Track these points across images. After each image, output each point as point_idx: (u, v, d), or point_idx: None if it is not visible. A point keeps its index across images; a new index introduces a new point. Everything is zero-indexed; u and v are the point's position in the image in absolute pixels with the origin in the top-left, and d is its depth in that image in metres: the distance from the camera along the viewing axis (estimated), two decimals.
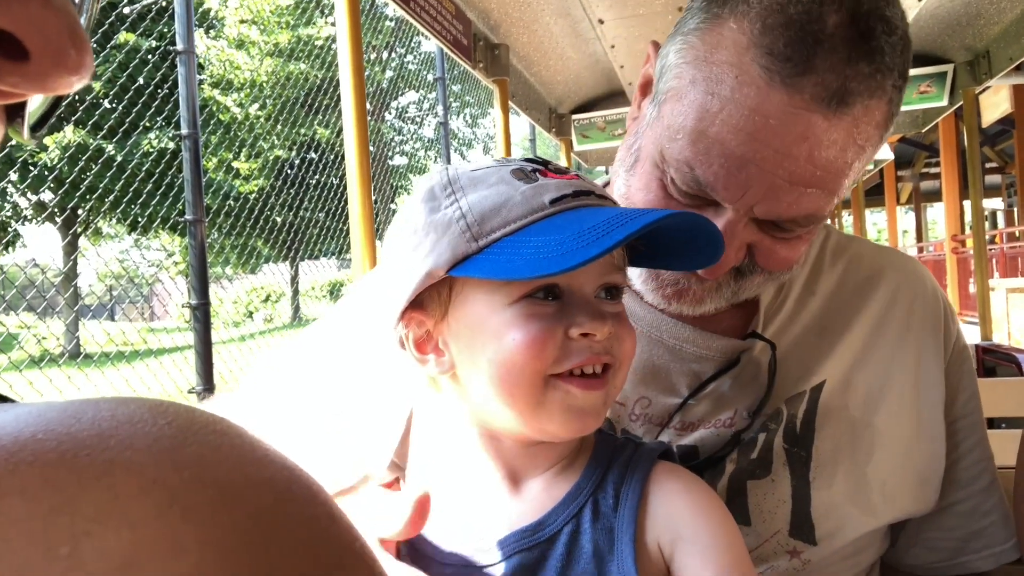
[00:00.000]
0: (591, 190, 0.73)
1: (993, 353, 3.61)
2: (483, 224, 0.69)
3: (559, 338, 0.69)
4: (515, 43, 3.13)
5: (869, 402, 0.94)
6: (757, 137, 0.76)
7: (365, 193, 1.92)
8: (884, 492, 0.92)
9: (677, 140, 0.81)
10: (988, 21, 3.14)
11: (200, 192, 4.75)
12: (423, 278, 0.71)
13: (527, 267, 0.65)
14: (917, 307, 1.01)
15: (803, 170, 0.77)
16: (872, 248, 1.08)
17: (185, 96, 4.65)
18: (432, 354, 0.75)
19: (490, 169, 0.73)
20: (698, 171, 0.80)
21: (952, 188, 8.18)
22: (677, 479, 0.75)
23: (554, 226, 0.67)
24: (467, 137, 24.42)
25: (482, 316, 0.71)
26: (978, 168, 3.86)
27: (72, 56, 0.30)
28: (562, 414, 0.70)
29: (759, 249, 0.85)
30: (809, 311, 0.98)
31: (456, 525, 0.75)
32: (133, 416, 0.28)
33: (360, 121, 1.91)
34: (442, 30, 2.38)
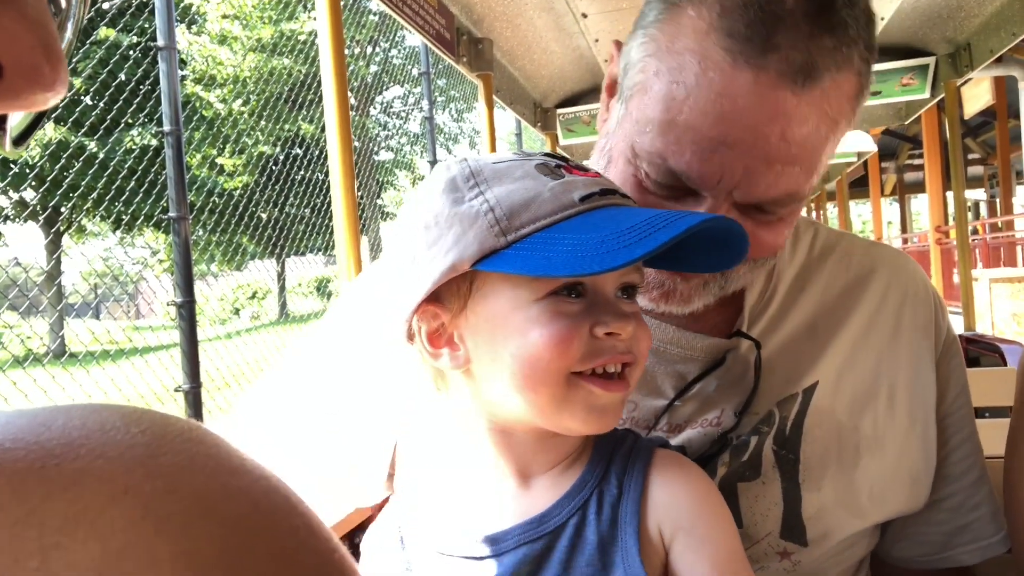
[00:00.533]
0: (616, 189, 0.73)
1: (977, 343, 3.64)
2: (512, 219, 0.68)
3: (584, 336, 0.69)
4: (499, 37, 3.11)
5: (855, 406, 0.93)
6: (727, 119, 0.75)
7: (349, 189, 1.91)
8: (872, 495, 0.92)
9: (647, 133, 0.80)
10: (969, 14, 3.16)
11: (183, 189, 4.71)
12: (446, 271, 0.69)
13: (564, 265, 0.64)
14: (908, 305, 1.00)
15: (777, 149, 0.76)
16: (862, 245, 1.06)
17: (167, 92, 4.61)
18: (446, 348, 0.74)
19: (514, 163, 0.72)
20: (671, 161, 0.79)
21: (935, 179, 8.25)
22: (678, 466, 0.76)
23: (588, 224, 0.67)
24: (453, 132, 24.36)
25: (505, 311, 0.71)
26: (960, 160, 3.89)
27: (46, 73, 0.29)
28: (584, 412, 0.70)
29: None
30: (800, 310, 0.97)
31: (462, 517, 0.76)
32: (105, 424, 0.27)
33: (343, 116, 1.90)
34: (425, 24, 2.37)
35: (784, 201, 0.81)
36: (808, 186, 0.82)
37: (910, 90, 3.79)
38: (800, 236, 1.03)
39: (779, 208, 0.82)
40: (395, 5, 2.12)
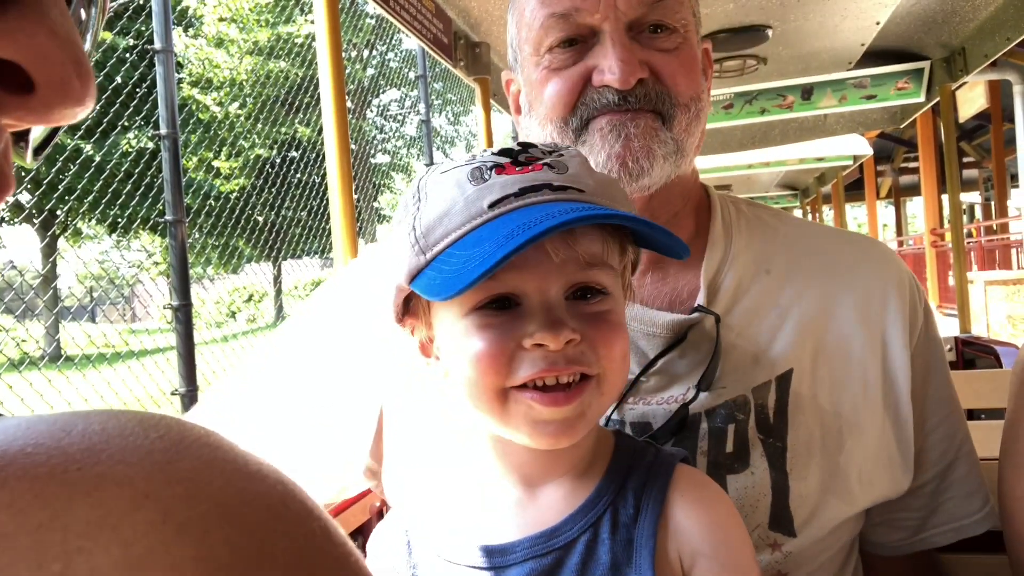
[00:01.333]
0: (546, 183, 0.68)
1: (972, 345, 3.65)
2: (428, 236, 0.69)
3: (510, 350, 0.66)
4: (496, 41, 3.12)
5: (834, 391, 0.95)
6: None
7: (346, 191, 1.91)
8: (861, 479, 0.93)
9: (535, 26, 0.96)
10: (963, 18, 3.18)
11: (180, 192, 4.71)
12: (396, 291, 0.73)
13: (444, 285, 0.64)
14: (881, 290, 1.01)
15: None
16: (830, 232, 1.10)
17: (164, 96, 4.61)
18: (433, 358, 0.76)
19: (455, 170, 0.72)
20: (555, 8, 0.93)
21: (930, 183, 8.28)
22: (699, 487, 0.73)
23: (484, 234, 0.66)
24: (449, 134, 24.37)
25: (447, 326, 0.71)
26: (955, 163, 3.91)
27: (77, 87, 0.30)
28: (527, 427, 0.68)
29: (657, 66, 0.94)
30: (764, 289, 0.99)
31: (469, 527, 0.74)
32: (124, 429, 0.27)
33: (340, 119, 1.90)
34: (422, 28, 2.37)
35: (663, 8, 0.93)
36: (680, 7, 0.95)
37: (905, 94, 3.80)
38: (762, 223, 1.06)
39: (666, 16, 0.94)
40: (393, 10, 2.12)
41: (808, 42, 3.41)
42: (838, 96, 3.92)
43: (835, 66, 3.80)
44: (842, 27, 3.21)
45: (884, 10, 2.99)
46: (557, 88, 0.95)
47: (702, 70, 1.01)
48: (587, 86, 0.94)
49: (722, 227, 1.02)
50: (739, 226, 1.04)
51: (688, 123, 0.96)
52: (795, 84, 3.96)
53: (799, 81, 3.95)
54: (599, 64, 0.93)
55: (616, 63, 0.90)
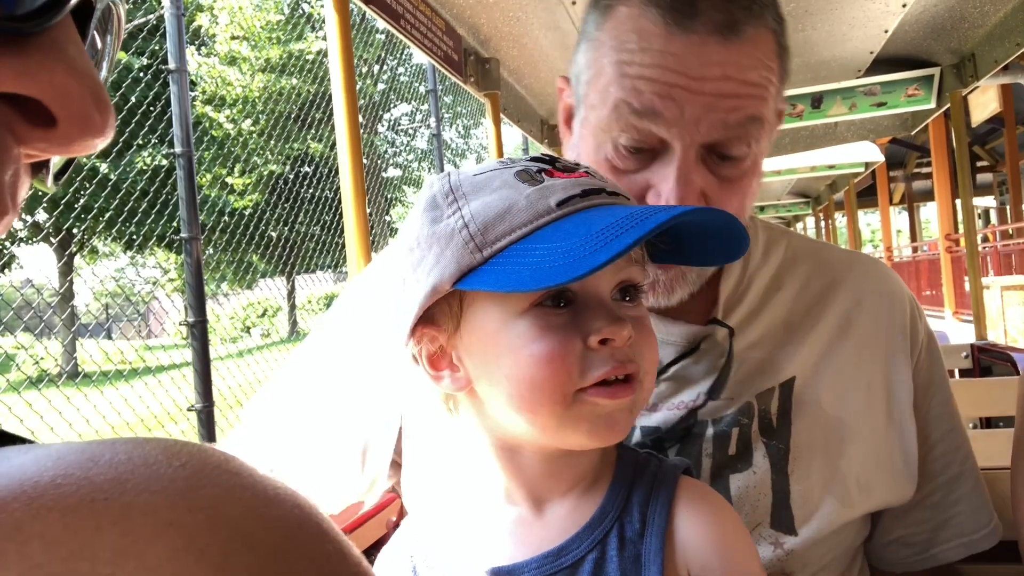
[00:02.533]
0: (601, 187, 0.69)
1: (989, 352, 3.63)
2: (487, 233, 0.66)
3: (578, 350, 0.66)
4: (505, 57, 3.15)
5: (838, 397, 0.97)
6: (674, 70, 0.85)
7: (360, 206, 1.93)
8: (859, 484, 0.95)
9: (608, 101, 0.88)
10: (972, 24, 3.18)
11: (195, 210, 4.76)
12: (428, 293, 0.68)
13: (533, 278, 0.62)
14: (884, 307, 1.04)
15: (724, 86, 0.85)
16: (838, 251, 1.12)
17: (178, 114, 4.66)
18: (447, 370, 0.72)
19: (493, 172, 0.70)
20: (634, 102, 0.86)
21: (944, 188, 8.22)
22: (704, 500, 0.72)
23: (562, 231, 0.65)
24: (460, 148, 24.47)
25: (495, 329, 0.68)
26: (967, 169, 3.89)
27: (97, 121, 0.31)
28: (589, 426, 0.67)
29: (710, 193, 0.89)
30: (775, 307, 1.02)
31: (476, 546, 0.73)
32: (148, 458, 0.28)
33: (353, 134, 1.92)
34: (433, 46, 2.40)
35: (747, 132, 0.87)
36: (762, 128, 0.89)
37: (915, 100, 3.80)
38: (776, 242, 1.08)
39: (741, 146, 0.88)
40: (404, 29, 2.15)
41: (817, 51, 3.41)
42: (848, 104, 3.92)
43: (844, 74, 3.80)
44: (850, 36, 3.21)
45: (892, 18, 3.00)
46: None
47: (759, 170, 0.96)
48: (641, 200, 0.90)
49: None
50: (756, 242, 1.05)
51: None
52: (804, 93, 3.97)
53: (808, 90, 3.95)
54: (658, 186, 0.88)
55: (675, 196, 0.86)
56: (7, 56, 0.29)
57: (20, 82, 0.29)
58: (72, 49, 0.31)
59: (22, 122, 0.31)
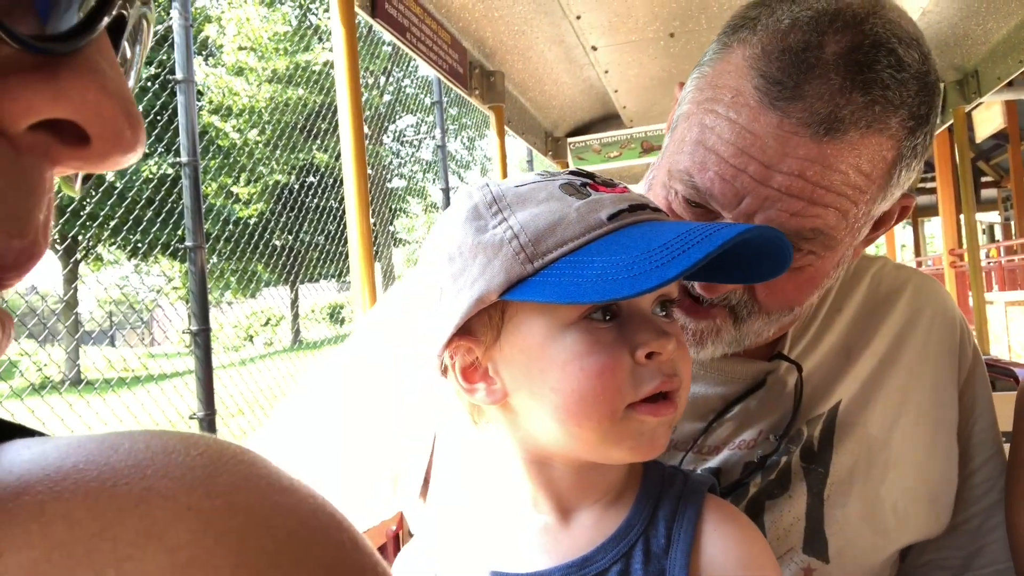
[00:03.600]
0: (645, 203, 0.69)
1: (992, 368, 3.62)
2: (538, 244, 0.65)
3: (627, 364, 0.66)
4: (510, 70, 3.17)
5: (886, 421, 0.94)
6: (747, 152, 0.77)
7: (363, 216, 1.94)
8: (896, 513, 0.92)
9: (683, 152, 0.83)
10: (976, 41, 3.19)
11: (200, 219, 4.78)
12: (472, 304, 0.67)
13: (595, 290, 0.61)
14: (935, 327, 1.01)
15: (796, 184, 0.76)
16: (893, 266, 1.08)
17: (185, 124, 4.69)
18: (482, 382, 0.71)
19: (537, 184, 0.69)
20: (696, 178, 0.81)
21: (948, 203, 8.21)
22: (730, 519, 0.72)
23: (617, 244, 0.64)
24: (464, 159, 24.54)
25: (539, 341, 0.67)
26: (970, 184, 3.90)
27: (128, 137, 0.31)
28: (632, 441, 0.67)
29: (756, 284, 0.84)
30: (834, 332, 0.99)
31: (500, 554, 0.73)
32: (167, 447, 0.29)
33: (358, 145, 1.94)
34: (438, 59, 2.42)
35: (807, 235, 0.79)
36: (838, 235, 0.81)
37: None
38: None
39: (801, 242, 0.80)
40: (410, 42, 2.17)
41: None
42: None
43: None
44: None
45: None
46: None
47: (863, 238, 0.89)
48: None
49: None
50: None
51: (768, 325, 0.88)
52: None
53: None
54: None
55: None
56: (42, 80, 0.29)
57: (57, 106, 0.29)
58: (105, 65, 0.31)
59: (58, 144, 0.31)
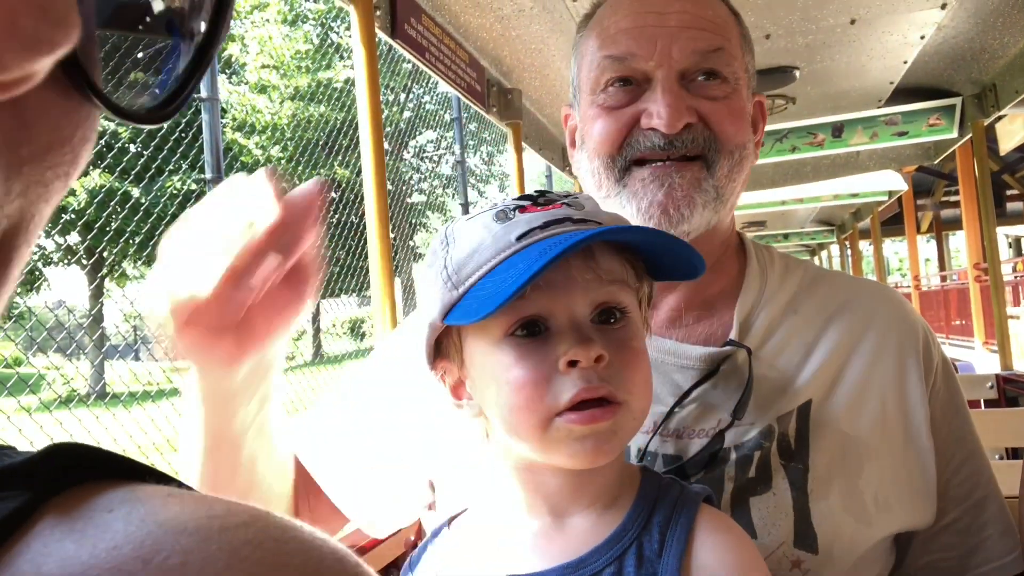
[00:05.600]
0: (567, 216, 0.73)
1: (1015, 383, 3.59)
2: (460, 272, 0.73)
3: (548, 373, 0.69)
4: (527, 87, 3.22)
5: (853, 415, 0.98)
6: (641, 11, 1.00)
7: (383, 231, 1.98)
8: (877, 503, 0.95)
9: (594, 67, 1.02)
10: (993, 55, 3.19)
11: None
12: (429, 331, 0.77)
13: (480, 307, 0.68)
14: (893, 328, 1.05)
15: (685, 18, 0.98)
16: (848, 278, 1.16)
17: (209, 142, 4.77)
18: (465, 399, 0.79)
19: (479, 216, 0.77)
20: (613, 52, 0.99)
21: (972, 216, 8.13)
22: (724, 528, 0.74)
23: (511, 263, 0.70)
24: (484, 174, 24.67)
25: (481, 359, 0.74)
26: (990, 198, 3.88)
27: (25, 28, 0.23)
28: (568, 448, 0.70)
29: (705, 112, 0.98)
30: (792, 327, 1.04)
31: (499, 558, 0.76)
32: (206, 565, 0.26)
33: (378, 161, 1.99)
34: (457, 78, 2.47)
35: (716, 59, 0.98)
36: (734, 56, 1.01)
37: (937, 130, 3.80)
38: (792, 270, 1.11)
39: (718, 66, 0.98)
40: (429, 62, 2.22)
41: (836, 82, 3.45)
42: (869, 133, 3.94)
43: (865, 104, 3.83)
44: (870, 67, 3.24)
45: (911, 49, 3.03)
46: (606, 126, 1.00)
47: (752, 123, 1.05)
48: (635, 127, 0.98)
49: (758, 268, 1.08)
50: (772, 269, 1.09)
51: (731, 169, 1.01)
52: (825, 122, 3.99)
53: (829, 119, 3.98)
54: (648, 107, 0.97)
55: (664, 108, 0.95)
56: None
57: None
58: None
59: None
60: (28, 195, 0.27)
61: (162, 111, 0.31)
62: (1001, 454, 3.34)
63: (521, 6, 2.42)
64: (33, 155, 0.27)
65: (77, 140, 0.29)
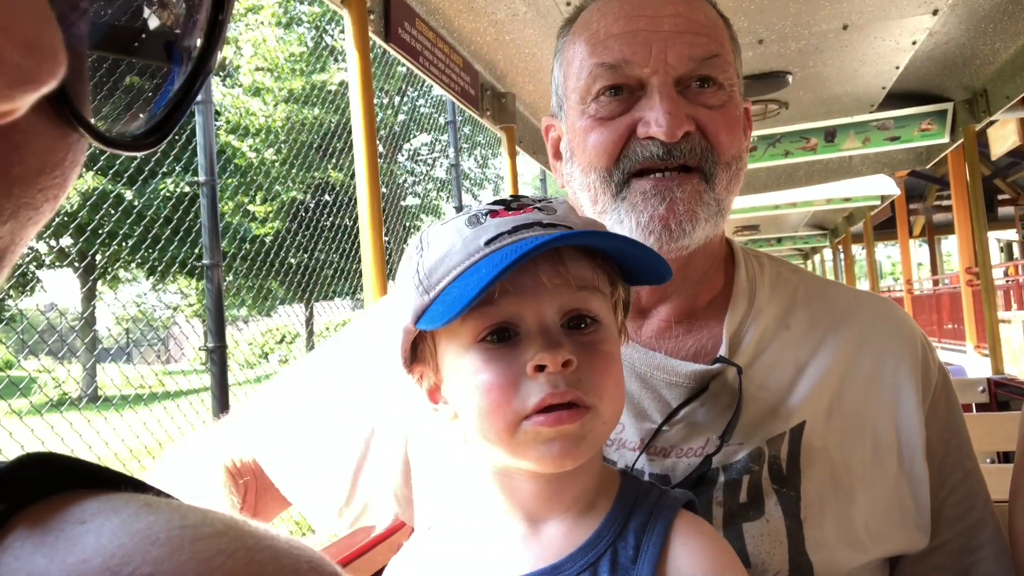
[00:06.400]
0: (537, 221, 0.73)
1: (1006, 387, 3.60)
2: (431, 277, 0.73)
3: (516, 378, 0.70)
4: (521, 91, 3.22)
5: (846, 445, 0.96)
6: (633, 15, 0.96)
7: (377, 234, 1.98)
8: (868, 530, 0.93)
9: (584, 74, 0.97)
10: (984, 61, 3.21)
11: (217, 237, 4.83)
12: (403, 335, 0.77)
13: (446, 311, 0.68)
14: (891, 349, 1.02)
15: (680, 23, 0.95)
16: (847, 290, 1.11)
17: (203, 145, 4.75)
18: (441, 403, 0.79)
19: (452, 222, 0.77)
20: (606, 59, 0.95)
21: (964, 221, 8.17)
22: (700, 535, 0.73)
23: (481, 267, 0.70)
24: (478, 177, 24.67)
25: (454, 364, 0.74)
26: (981, 203, 3.90)
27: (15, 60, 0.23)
28: (535, 451, 0.70)
29: (703, 121, 0.95)
30: (784, 344, 1.00)
31: (476, 562, 0.76)
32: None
33: (372, 164, 1.98)
34: (451, 82, 2.47)
35: (712, 65, 0.95)
36: (728, 62, 0.97)
37: (929, 135, 3.83)
38: (783, 280, 1.07)
39: (714, 73, 0.95)
40: (423, 65, 2.22)
41: (829, 86, 3.46)
42: (861, 138, 3.95)
43: (857, 109, 3.84)
44: (862, 72, 3.26)
45: (903, 55, 3.04)
46: (602, 138, 0.96)
47: (743, 130, 1.02)
48: (632, 138, 0.95)
49: (746, 281, 1.04)
50: (762, 281, 1.05)
51: (729, 181, 0.98)
52: (818, 127, 4.01)
53: (822, 124, 3.99)
54: (645, 116, 0.93)
55: (663, 115, 0.91)
56: None
57: None
58: None
59: None
60: (19, 217, 0.27)
61: (150, 138, 0.31)
62: (992, 458, 3.35)
63: (515, 10, 2.42)
64: (23, 177, 0.27)
65: (68, 164, 0.29)
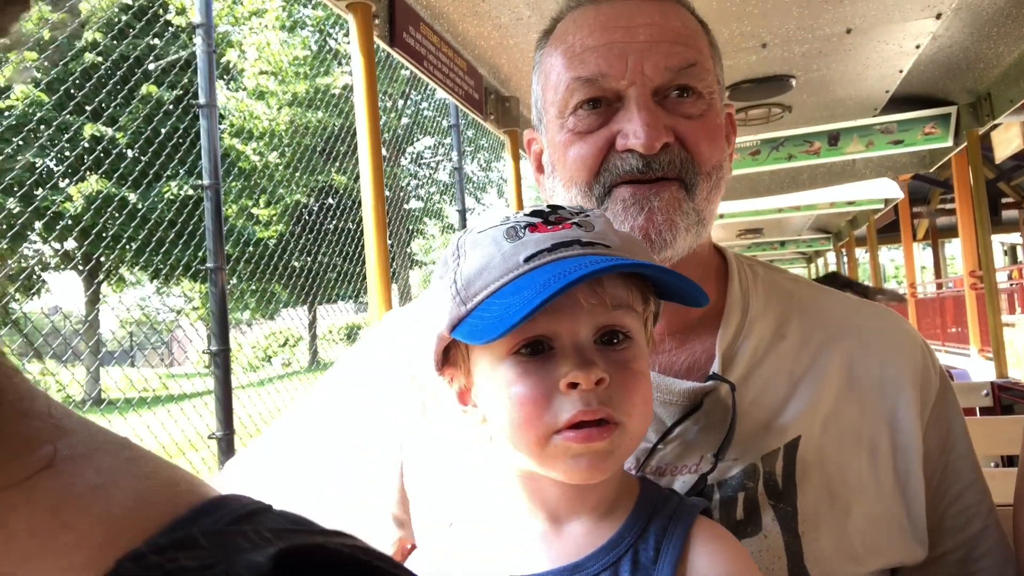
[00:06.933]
0: (576, 239, 0.73)
1: (1010, 391, 3.59)
2: (468, 288, 0.74)
3: (550, 393, 0.70)
4: (525, 95, 3.22)
5: (842, 458, 0.94)
6: (608, 26, 0.95)
7: (381, 237, 1.98)
8: (865, 543, 0.92)
9: (561, 87, 0.97)
10: (988, 65, 3.21)
11: (221, 241, 4.84)
12: (437, 340, 0.78)
13: (487, 329, 0.69)
14: (890, 356, 1.00)
15: (655, 32, 0.94)
16: (840, 299, 1.09)
17: (207, 148, 4.75)
18: (471, 406, 0.80)
19: (491, 230, 0.77)
20: (583, 73, 0.94)
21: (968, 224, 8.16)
22: (719, 539, 0.75)
23: (519, 286, 0.70)
24: (481, 181, 24.70)
25: (487, 373, 0.75)
26: (985, 206, 3.90)
27: None
28: (565, 464, 0.71)
29: (682, 132, 0.94)
30: (779, 357, 0.98)
31: (496, 559, 0.77)
32: None
33: (376, 167, 1.99)
34: (455, 86, 2.48)
35: (690, 74, 0.94)
36: (707, 70, 0.96)
37: (933, 139, 3.82)
38: (778, 289, 1.06)
39: (692, 82, 0.94)
40: (427, 69, 2.23)
41: (832, 90, 3.46)
42: (865, 142, 3.95)
43: (861, 112, 3.84)
44: (865, 75, 3.26)
45: (906, 58, 3.04)
46: (581, 152, 0.95)
47: (725, 136, 1.00)
48: (611, 151, 0.94)
49: (739, 292, 1.02)
50: (756, 291, 1.03)
51: (709, 192, 0.97)
52: (821, 130, 4.01)
53: (825, 127, 3.99)
54: (623, 128, 0.92)
55: (641, 127, 0.90)
56: None
57: None
58: None
59: None
60: None
61: None
62: (996, 462, 3.35)
63: (519, 15, 2.43)
64: None
65: None
